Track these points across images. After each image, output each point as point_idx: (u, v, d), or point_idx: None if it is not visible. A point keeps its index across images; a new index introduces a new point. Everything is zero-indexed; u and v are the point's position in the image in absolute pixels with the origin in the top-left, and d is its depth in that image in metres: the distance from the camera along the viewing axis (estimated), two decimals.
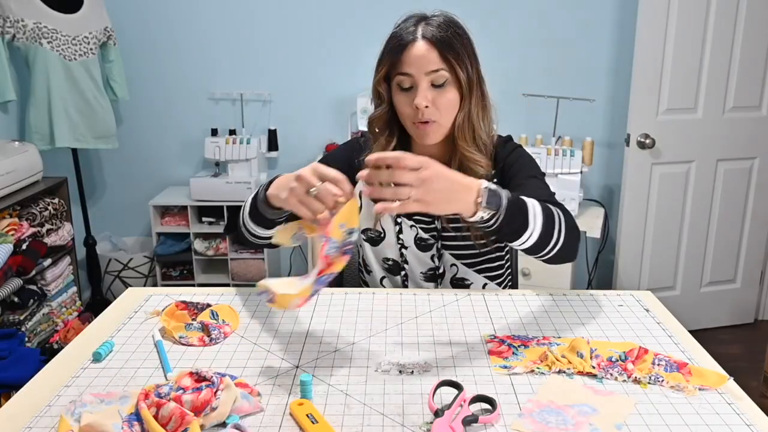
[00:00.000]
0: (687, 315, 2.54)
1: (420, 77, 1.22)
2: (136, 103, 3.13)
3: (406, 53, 1.22)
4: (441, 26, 1.23)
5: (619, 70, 2.98)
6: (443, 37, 1.22)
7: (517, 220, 1.07)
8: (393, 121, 1.33)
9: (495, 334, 1.04)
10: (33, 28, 2.58)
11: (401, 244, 1.39)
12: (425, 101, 1.22)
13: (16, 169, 2.40)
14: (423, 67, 1.22)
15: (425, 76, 1.22)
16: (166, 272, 3.16)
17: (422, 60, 1.22)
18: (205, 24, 3.07)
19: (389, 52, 1.25)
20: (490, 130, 1.34)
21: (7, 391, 1.86)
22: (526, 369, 0.98)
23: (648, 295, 1.29)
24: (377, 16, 2.96)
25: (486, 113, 1.31)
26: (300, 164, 3.11)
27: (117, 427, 0.83)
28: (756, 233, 2.94)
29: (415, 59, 1.22)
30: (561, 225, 1.14)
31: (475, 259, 1.39)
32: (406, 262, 1.40)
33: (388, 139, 1.33)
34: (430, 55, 1.22)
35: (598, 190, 3.17)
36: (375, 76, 1.29)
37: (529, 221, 1.08)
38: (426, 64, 1.22)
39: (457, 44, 1.23)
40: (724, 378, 0.95)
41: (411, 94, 1.24)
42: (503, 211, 1.03)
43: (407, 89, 1.25)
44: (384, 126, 1.33)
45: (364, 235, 1.43)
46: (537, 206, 1.11)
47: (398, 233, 1.39)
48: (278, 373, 0.99)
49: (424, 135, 1.27)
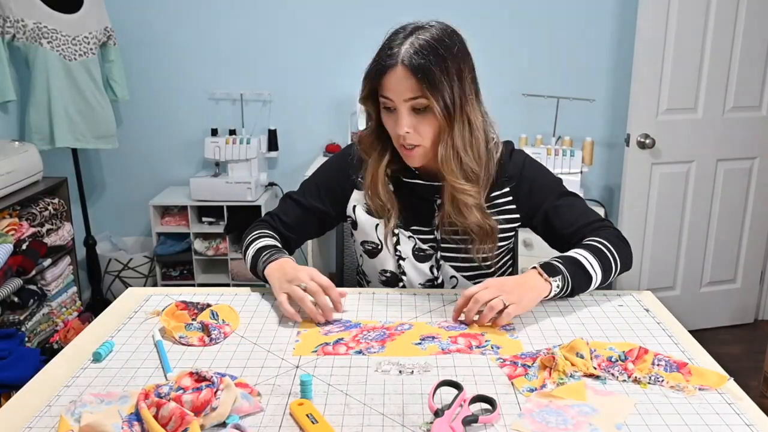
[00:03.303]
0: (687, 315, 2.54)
1: (399, 102, 1.19)
2: (136, 103, 3.13)
3: (386, 77, 1.19)
4: (423, 48, 1.17)
5: (619, 70, 2.99)
6: (421, 64, 1.16)
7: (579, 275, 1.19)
8: (383, 137, 1.31)
9: (502, 357, 1.03)
10: (33, 28, 2.58)
11: (398, 256, 1.37)
12: (406, 127, 1.20)
13: (16, 169, 2.40)
14: (402, 93, 1.18)
15: (404, 102, 1.19)
16: (166, 272, 3.17)
17: (401, 86, 1.18)
18: (206, 24, 3.07)
19: (369, 76, 1.23)
20: (481, 154, 1.27)
21: (7, 391, 1.86)
22: (553, 382, 0.95)
23: (648, 295, 1.29)
24: (377, 17, 2.96)
25: (473, 137, 1.24)
26: (300, 164, 3.15)
27: (117, 427, 0.83)
28: (756, 233, 2.94)
29: (395, 85, 1.18)
30: (613, 254, 1.24)
31: (476, 271, 1.38)
32: (404, 273, 1.38)
33: (380, 155, 1.32)
34: (408, 81, 1.17)
35: (598, 190, 3.17)
36: (360, 95, 1.27)
37: (590, 272, 1.20)
38: (404, 91, 1.18)
39: (437, 70, 1.16)
40: (724, 378, 0.95)
41: (394, 115, 1.22)
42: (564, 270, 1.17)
43: (391, 109, 1.23)
44: (374, 142, 1.32)
45: (362, 247, 1.42)
46: (588, 256, 1.21)
47: (395, 244, 1.37)
48: (278, 373, 0.99)
49: (409, 159, 1.27)
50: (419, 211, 1.36)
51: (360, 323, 1.16)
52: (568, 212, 1.32)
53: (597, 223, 1.31)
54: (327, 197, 1.40)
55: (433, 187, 1.33)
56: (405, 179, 1.35)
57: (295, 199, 1.42)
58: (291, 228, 1.41)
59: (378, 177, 1.32)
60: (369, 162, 1.33)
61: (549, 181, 1.36)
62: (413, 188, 1.35)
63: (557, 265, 1.18)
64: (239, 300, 1.27)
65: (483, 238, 1.30)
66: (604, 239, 1.25)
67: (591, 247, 1.23)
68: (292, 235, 1.41)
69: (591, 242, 1.25)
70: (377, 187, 1.32)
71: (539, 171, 1.36)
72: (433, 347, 1.07)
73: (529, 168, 1.35)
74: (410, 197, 1.35)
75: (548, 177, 1.36)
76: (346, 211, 1.41)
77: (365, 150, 1.34)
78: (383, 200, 1.32)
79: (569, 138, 2.82)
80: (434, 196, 1.34)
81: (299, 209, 1.41)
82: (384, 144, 1.32)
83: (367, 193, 1.35)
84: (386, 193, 1.33)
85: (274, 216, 1.42)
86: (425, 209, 1.35)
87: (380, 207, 1.34)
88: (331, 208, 1.41)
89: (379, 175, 1.32)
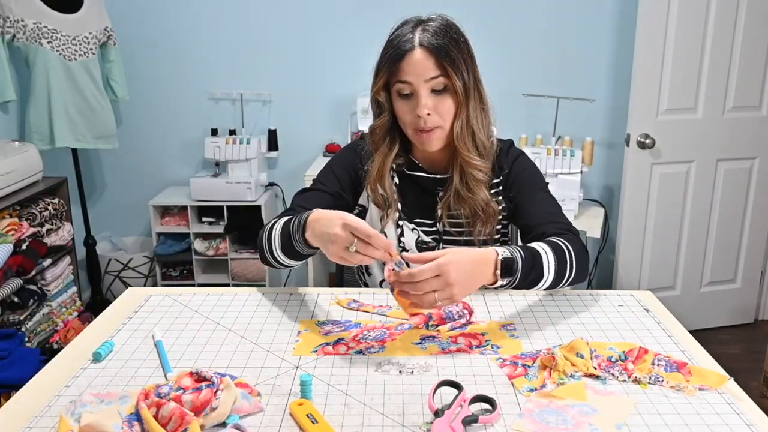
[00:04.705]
0: (687, 315, 2.54)
1: (419, 84, 1.23)
2: (136, 103, 3.13)
3: (405, 61, 1.22)
4: (437, 32, 1.23)
5: (619, 70, 2.98)
6: (440, 44, 1.22)
7: (533, 273, 1.14)
8: (394, 129, 1.33)
9: (502, 357, 1.03)
10: (33, 28, 2.58)
11: (402, 247, 1.39)
12: (427, 109, 1.23)
13: (16, 169, 2.40)
14: (422, 74, 1.22)
15: (425, 83, 1.23)
16: (166, 272, 3.16)
17: (421, 68, 1.22)
18: (205, 24, 3.07)
19: (387, 61, 1.25)
20: (490, 132, 1.34)
21: (7, 391, 1.86)
22: (553, 382, 0.96)
23: (648, 295, 1.29)
24: (377, 16, 2.96)
25: (485, 116, 1.32)
26: (300, 164, 3.15)
27: (117, 427, 0.83)
28: (756, 233, 2.94)
29: (414, 67, 1.22)
30: (572, 261, 1.20)
31: None
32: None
33: (389, 147, 1.34)
34: (427, 62, 1.22)
35: (598, 190, 3.17)
36: (373, 86, 1.29)
37: (544, 272, 1.16)
38: (424, 71, 1.22)
39: (454, 50, 1.23)
40: (724, 378, 0.95)
41: (411, 101, 1.25)
42: (519, 272, 1.10)
43: (407, 96, 1.25)
44: (385, 134, 1.34)
45: None
46: (550, 253, 1.17)
47: (399, 236, 1.39)
48: (278, 373, 0.99)
49: (427, 142, 1.28)
50: (423, 203, 1.38)
51: (360, 323, 1.16)
52: (539, 207, 1.34)
53: (563, 226, 1.29)
54: (345, 185, 1.40)
55: (437, 179, 1.36)
56: (409, 172, 1.38)
57: (315, 189, 1.38)
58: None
59: (384, 169, 1.34)
60: (376, 154, 1.35)
61: (533, 176, 1.38)
62: (417, 181, 1.38)
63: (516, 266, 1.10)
64: (239, 300, 1.27)
65: (486, 219, 1.33)
66: (571, 247, 1.21)
67: (555, 246, 1.19)
68: None
69: (559, 244, 1.20)
70: (383, 179, 1.34)
71: (528, 166, 1.39)
72: (433, 347, 1.07)
73: (520, 162, 1.39)
74: (414, 190, 1.38)
75: (533, 174, 1.39)
76: (359, 200, 1.42)
77: (375, 141, 1.35)
78: (387, 193, 1.35)
79: (569, 138, 2.82)
80: (437, 189, 1.37)
81: (325, 195, 1.35)
82: (393, 136, 1.34)
83: (371, 185, 1.36)
84: (390, 185, 1.35)
85: (294, 209, 1.32)
86: (429, 202, 1.38)
87: (382, 199, 1.36)
88: (350, 196, 1.41)
89: (385, 166, 1.34)
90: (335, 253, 1.04)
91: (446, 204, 1.34)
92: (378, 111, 1.33)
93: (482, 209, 1.32)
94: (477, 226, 1.33)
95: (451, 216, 1.35)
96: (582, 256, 1.23)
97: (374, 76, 1.29)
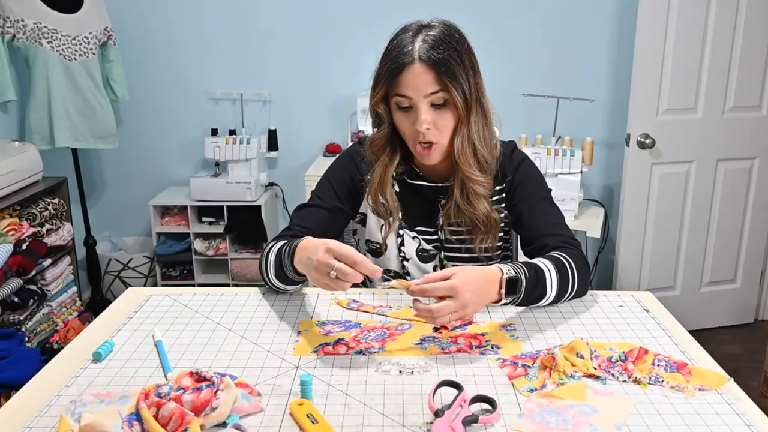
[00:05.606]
0: (687, 315, 2.55)
1: (419, 99, 1.20)
2: (136, 103, 3.13)
3: (404, 75, 1.19)
4: (438, 43, 1.18)
5: (619, 70, 2.99)
6: (440, 58, 1.18)
7: (536, 291, 1.15)
8: (394, 140, 1.31)
9: (502, 357, 1.03)
10: (33, 28, 2.58)
11: (403, 256, 1.38)
12: (426, 124, 1.21)
13: (16, 169, 2.40)
14: (421, 89, 1.19)
15: (424, 98, 1.20)
16: (166, 272, 3.17)
17: (420, 82, 1.18)
18: (205, 24, 3.07)
19: (386, 74, 1.21)
20: (493, 145, 1.31)
21: (7, 391, 1.86)
22: (553, 382, 0.96)
23: (648, 295, 1.29)
24: (378, 16, 2.97)
25: (487, 128, 1.29)
26: (300, 164, 3.15)
27: (117, 427, 0.83)
28: (756, 233, 2.94)
29: (413, 82, 1.19)
30: (575, 278, 1.21)
31: None
32: (407, 273, 1.39)
33: (390, 157, 1.32)
34: (427, 77, 1.18)
35: (598, 190, 3.17)
36: (372, 97, 1.26)
37: (547, 290, 1.17)
38: (424, 86, 1.19)
39: (455, 63, 1.19)
40: (724, 378, 0.95)
41: (411, 115, 1.22)
42: (523, 291, 1.12)
43: (407, 108, 1.23)
44: (385, 145, 1.31)
45: (367, 246, 1.43)
46: (552, 271, 1.17)
47: (400, 245, 1.38)
48: (278, 373, 0.99)
49: (426, 158, 1.27)
50: (424, 212, 1.37)
51: (360, 323, 1.16)
52: (541, 219, 1.32)
53: (565, 238, 1.29)
54: (344, 196, 1.38)
55: (438, 188, 1.35)
56: (410, 181, 1.36)
57: (312, 205, 1.37)
58: (315, 233, 1.27)
59: (386, 180, 1.32)
60: (377, 165, 1.33)
61: (535, 184, 1.36)
62: (418, 190, 1.37)
63: (520, 284, 1.12)
64: (239, 300, 1.27)
65: (487, 230, 1.31)
66: (573, 263, 1.21)
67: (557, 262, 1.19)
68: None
69: (562, 261, 1.20)
70: (384, 189, 1.32)
71: (532, 172, 1.37)
72: (433, 347, 1.07)
73: (524, 167, 1.36)
74: (415, 199, 1.37)
75: (536, 181, 1.36)
76: (360, 208, 1.41)
77: (375, 153, 1.33)
78: (388, 202, 1.33)
79: (569, 138, 2.82)
80: (438, 197, 1.35)
81: (321, 212, 1.35)
82: (394, 146, 1.32)
83: (372, 195, 1.35)
84: (392, 195, 1.33)
85: (291, 228, 1.33)
86: (430, 210, 1.36)
87: (383, 209, 1.35)
88: (349, 206, 1.39)
89: (386, 177, 1.32)
90: (317, 279, 1.04)
91: (448, 213, 1.33)
92: (377, 122, 1.31)
93: (482, 222, 1.31)
94: (478, 237, 1.32)
95: (452, 225, 1.34)
96: (584, 272, 1.23)
97: (372, 86, 1.26)
